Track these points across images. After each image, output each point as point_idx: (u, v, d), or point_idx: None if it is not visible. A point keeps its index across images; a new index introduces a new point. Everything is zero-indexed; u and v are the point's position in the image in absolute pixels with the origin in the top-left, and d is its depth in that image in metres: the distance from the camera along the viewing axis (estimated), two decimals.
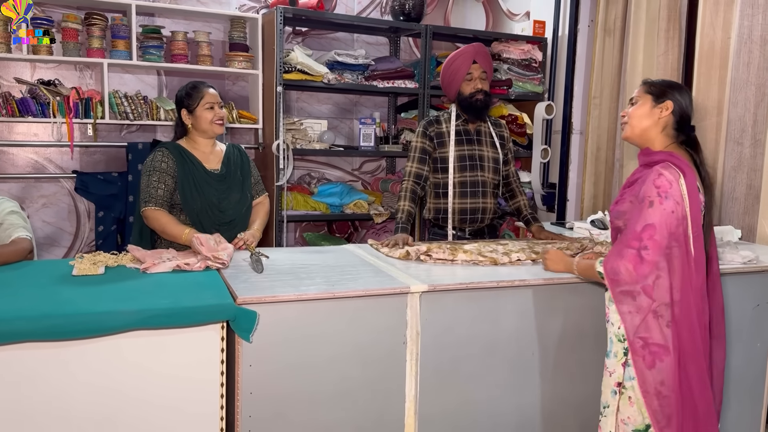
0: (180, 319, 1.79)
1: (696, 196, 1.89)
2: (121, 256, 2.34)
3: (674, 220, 1.86)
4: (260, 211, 2.83)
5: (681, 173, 1.89)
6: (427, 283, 2.10)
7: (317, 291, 1.98)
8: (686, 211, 1.87)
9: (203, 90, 2.64)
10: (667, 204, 1.85)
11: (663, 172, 1.88)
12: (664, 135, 2.01)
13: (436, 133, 2.97)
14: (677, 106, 1.98)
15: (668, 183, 1.87)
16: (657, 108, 1.99)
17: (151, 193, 2.54)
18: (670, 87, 2.00)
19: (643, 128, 2.02)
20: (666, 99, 1.98)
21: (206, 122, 2.62)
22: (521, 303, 2.24)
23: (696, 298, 1.90)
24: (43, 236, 3.80)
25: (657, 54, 3.73)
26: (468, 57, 2.88)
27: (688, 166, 1.92)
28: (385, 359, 2.08)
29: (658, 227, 1.85)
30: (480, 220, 3.00)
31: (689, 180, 1.89)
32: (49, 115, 3.42)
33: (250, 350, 1.91)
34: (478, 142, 2.99)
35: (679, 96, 1.98)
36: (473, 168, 2.96)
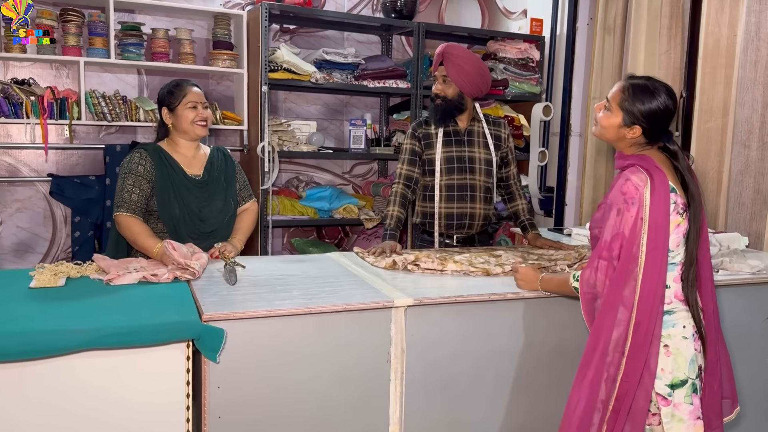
0: (138, 338, 1.63)
1: (663, 200, 1.75)
2: (85, 267, 2.18)
3: (640, 227, 1.74)
4: (245, 219, 2.66)
5: (648, 177, 1.76)
6: (413, 297, 1.95)
7: (292, 306, 1.83)
8: (645, 218, 1.74)
9: (186, 88, 2.48)
10: (633, 210, 1.74)
11: (630, 177, 1.78)
12: (633, 147, 1.87)
13: (424, 134, 2.83)
14: (646, 130, 1.82)
15: (635, 188, 1.75)
16: (624, 129, 1.84)
17: (125, 198, 2.38)
18: (641, 102, 1.80)
19: (610, 140, 1.91)
20: (635, 125, 1.82)
21: (187, 122, 2.45)
22: (515, 317, 2.09)
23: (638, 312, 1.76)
24: (18, 242, 3.64)
25: (659, 53, 3.59)
26: (436, 59, 2.75)
27: (658, 169, 1.78)
28: (368, 379, 1.93)
29: (628, 235, 1.74)
30: (468, 226, 2.85)
31: (656, 183, 1.75)
32: (23, 115, 3.26)
33: (218, 371, 1.76)
34: (468, 143, 2.84)
35: (654, 113, 1.80)
36: (462, 170, 2.81)
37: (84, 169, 3.68)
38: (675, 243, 1.81)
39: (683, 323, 1.82)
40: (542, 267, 2.33)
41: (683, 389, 1.80)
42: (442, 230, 2.84)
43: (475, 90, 2.78)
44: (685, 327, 1.82)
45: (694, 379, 1.82)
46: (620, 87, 1.85)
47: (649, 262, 1.74)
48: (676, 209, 1.79)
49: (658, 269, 1.75)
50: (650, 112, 1.79)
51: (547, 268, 2.34)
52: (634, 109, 1.80)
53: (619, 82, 1.87)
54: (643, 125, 1.81)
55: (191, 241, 2.45)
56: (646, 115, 1.79)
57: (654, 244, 1.74)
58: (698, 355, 1.83)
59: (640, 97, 1.80)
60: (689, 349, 1.81)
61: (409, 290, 2.03)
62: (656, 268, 1.74)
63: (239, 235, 2.57)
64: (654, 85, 1.82)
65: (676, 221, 1.80)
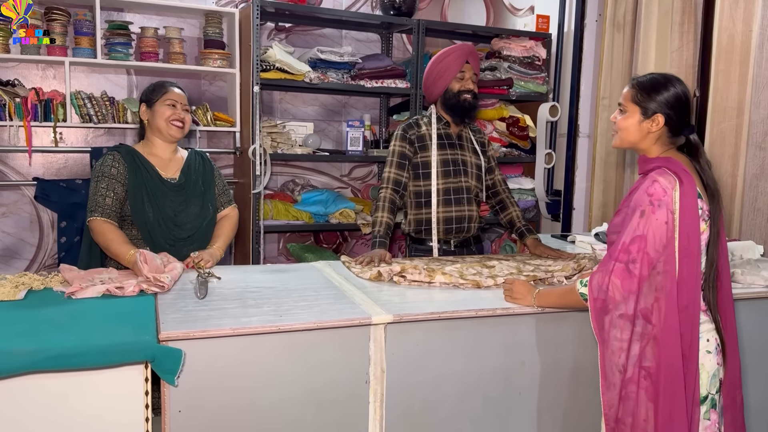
0: (86, 360, 1.50)
1: (693, 206, 1.66)
2: (50, 277, 2.06)
3: (665, 233, 1.64)
4: (224, 225, 2.53)
5: (677, 180, 1.66)
6: (396, 312, 1.81)
7: (259, 323, 1.69)
8: (676, 223, 1.64)
9: (168, 87, 2.40)
10: (659, 213, 1.64)
11: (658, 178, 1.67)
12: (658, 144, 1.77)
13: (417, 136, 2.70)
14: (670, 117, 1.72)
15: (662, 191, 1.65)
16: (646, 122, 1.74)
17: (98, 202, 2.27)
18: (657, 92, 1.73)
19: (633, 141, 1.79)
20: (655, 113, 1.73)
21: (162, 119, 2.34)
22: (505, 335, 1.94)
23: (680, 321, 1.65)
24: (3, 248, 3.54)
25: (671, 50, 3.42)
26: (461, 55, 2.64)
27: (687, 173, 1.68)
28: (345, 401, 1.79)
29: (649, 239, 1.63)
30: (466, 229, 2.74)
31: (685, 188, 1.65)
32: (5, 117, 3.16)
33: (179, 394, 1.63)
34: (460, 146, 2.75)
35: (673, 100, 1.72)
36: (457, 174, 2.70)
37: (71, 173, 3.58)
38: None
39: (707, 336, 1.72)
40: (538, 279, 2.17)
41: (703, 406, 1.69)
42: (441, 236, 2.71)
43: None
44: (708, 340, 1.72)
45: (714, 394, 1.72)
46: (629, 86, 1.79)
47: (684, 271, 1.64)
48: (702, 216, 1.69)
49: (695, 279, 1.65)
50: (667, 98, 1.71)
51: (543, 280, 2.18)
52: (651, 99, 1.72)
53: (627, 85, 1.81)
54: (665, 112, 1.71)
55: (167, 247, 2.34)
56: (665, 102, 1.71)
57: (687, 252, 1.64)
58: (720, 368, 1.73)
59: (653, 87, 1.74)
60: (712, 363, 1.71)
61: (393, 305, 1.89)
62: (693, 278, 1.65)
63: (219, 243, 2.45)
64: (663, 75, 1.77)
65: (701, 228, 1.70)
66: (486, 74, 4.07)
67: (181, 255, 2.32)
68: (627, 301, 1.64)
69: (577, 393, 2.02)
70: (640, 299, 1.64)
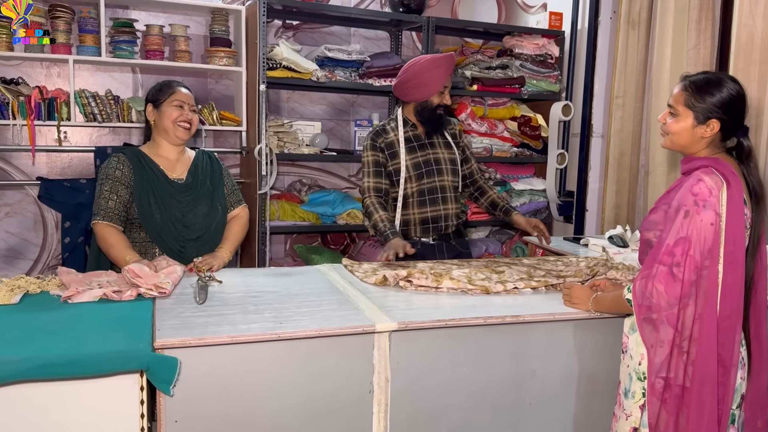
0: (76, 369, 1.44)
1: (739, 211, 1.58)
2: (48, 281, 2.01)
3: (712, 234, 1.55)
4: (234, 226, 2.47)
5: (725, 182, 1.58)
6: (400, 319, 1.74)
7: (259, 331, 1.63)
8: (721, 226, 1.56)
9: (176, 87, 2.34)
10: (705, 214, 1.55)
11: (704, 177, 1.59)
12: (710, 147, 1.69)
13: (386, 143, 2.68)
14: (725, 122, 1.64)
15: (708, 190, 1.57)
16: (700, 128, 1.66)
17: (101, 205, 2.22)
18: (712, 95, 1.63)
19: (684, 146, 1.71)
20: (709, 118, 1.64)
21: (169, 120, 2.29)
22: (516, 342, 1.86)
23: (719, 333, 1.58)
24: (7, 248, 3.50)
25: (687, 48, 3.33)
26: (448, 68, 2.61)
27: (734, 175, 1.60)
28: (347, 412, 1.73)
29: (694, 241, 1.55)
30: (444, 228, 2.73)
31: (733, 191, 1.57)
32: (9, 116, 3.12)
33: (175, 403, 1.57)
34: (430, 146, 2.72)
35: (728, 104, 1.62)
36: (430, 174, 2.69)
37: (75, 173, 3.53)
38: None
39: None
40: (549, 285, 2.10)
41: None
42: (418, 235, 2.71)
43: None
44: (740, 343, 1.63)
45: (734, 408, 1.64)
46: (681, 87, 1.69)
47: (729, 278, 1.56)
48: (745, 222, 1.62)
49: (739, 287, 1.58)
50: (724, 101, 1.62)
51: (555, 286, 2.11)
52: (706, 103, 1.63)
53: (678, 84, 1.71)
54: (721, 117, 1.62)
55: (177, 248, 2.29)
56: (721, 106, 1.62)
57: (732, 257, 1.57)
58: (743, 383, 1.65)
59: (708, 89, 1.64)
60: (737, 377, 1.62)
61: (399, 311, 1.82)
62: (737, 286, 1.57)
63: (227, 245, 2.39)
64: (716, 75, 1.68)
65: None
66: (497, 72, 3.98)
67: (192, 257, 2.27)
68: (672, 307, 1.56)
69: (590, 404, 1.94)
70: (686, 305, 1.56)
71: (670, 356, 1.58)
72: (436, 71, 2.58)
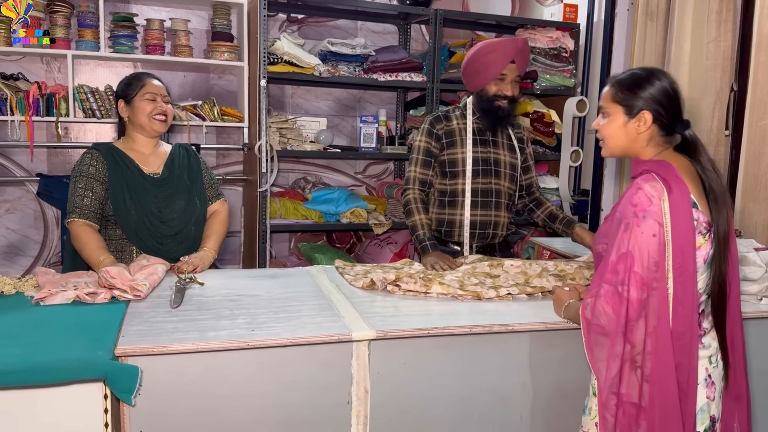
0: (29, 377, 1.38)
1: (685, 218, 1.44)
2: (24, 281, 1.95)
3: (656, 247, 1.42)
4: (214, 224, 2.40)
5: (665, 188, 1.44)
6: (380, 327, 1.65)
7: (227, 339, 1.54)
8: (667, 237, 1.43)
9: (145, 79, 2.26)
10: (645, 226, 1.42)
11: (643, 185, 1.46)
12: (651, 146, 1.55)
13: (445, 131, 2.47)
14: (658, 113, 1.51)
15: (647, 199, 1.44)
16: (632, 123, 1.53)
17: (76, 203, 2.16)
18: (640, 87, 1.52)
19: (623, 147, 1.58)
20: (640, 109, 1.51)
21: (144, 115, 2.22)
22: (505, 353, 1.76)
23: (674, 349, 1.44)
24: (7, 245, 3.49)
25: (707, 41, 3.16)
26: (507, 54, 2.35)
27: (678, 178, 1.46)
28: (324, 423, 1.64)
29: (636, 256, 1.42)
30: (491, 236, 2.52)
31: (675, 197, 1.44)
32: (7, 112, 3.09)
33: (139, 413, 1.50)
34: (494, 144, 2.51)
35: (659, 94, 1.51)
36: (487, 174, 2.47)
37: None
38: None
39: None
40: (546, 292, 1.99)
41: None
42: (463, 240, 2.50)
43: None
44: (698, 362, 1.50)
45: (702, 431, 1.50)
46: (608, 86, 1.58)
47: (680, 293, 1.43)
48: (698, 228, 1.47)
49: (691, 302, 1.44)
50: (652, 92, 1.51)
51: (552, 292, 1.99)
52: (634, 96, 1.52)
53: (605, 86, 1.60)
54: (652, 108, 1.50)
55: (155, 245, 2.22)
56: (650, 97, 1.50)
57: (682, 270, 1.43)
58: (711, 404, 1.50)
59: (634, 81, 1.53)
60: (699, 396, 1.49)
61: (381, 318, 1.73)
62: (689, 301, 1.44)
63: (209, 244, 2.31)
64: (644, 69, 1.57)
65: (697, 243, 1.48)
66: None
67: (171, 253, 2.21)
68: (622, 327, 1.43)
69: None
70: (633, 327, 1.43)
71: (621, 371, 1.45)
72: (490, 56, 2.36)
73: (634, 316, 1.43)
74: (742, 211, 2.90)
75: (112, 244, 2.21)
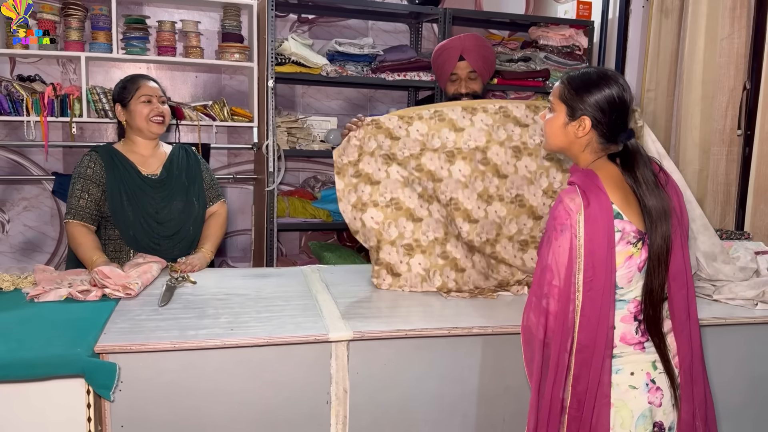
0: (12, 372, 1.44)
1: (601, 231, 1.41)
2: (23, 278, 2.02)
3: (568, 260, 1.42)
4: (213, 224, 2.44)
5: (583, 202, 1.42)
6: (359, 329, 1.66)
7: (206, 337, 1.57)
8: (579, 251, 1.41)
9: (140, 82, 2.30)
10: (562, 239, 1.42)
11: (563, 198, 1.45)
12: (588, 152, 1.52)
13: None
14: (599, 120, 1.47)
15: (566, 213, 1.43)
16: (571, 125, 1.50)
17: (73, 204, 2.22)
18: (586, 91, 1.47)
19: (560, 146, 1.56)
20: (581, 114, 1.48)
21: (141, 118, 2.26)
22: (487, 355, 1.75)
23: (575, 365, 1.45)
24: (25, 241, 3.60)
25: (721, 37, 3.09)
26: (453, 53, 2.39)
27: (599, 191, 1.43)
28: (303, 422, 1.66)
29: (555, 269, 1.42)
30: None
31: (592, 211, 1.41)
32: (23, 113, 3.18)
33: (120, 408, 1.54)
34: None
35: (603, 102, 1.46)
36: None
37: None
38: (626, 279, 1.46)
39: (631, 369, 1.48)
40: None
41: None
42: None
43: (488, 77, 2.52)
44: (633, 374, 1.48)
45: None
46: (560, 81, 1.55)
47: (587, 308, 1.42)
48: (625, 238, 1.44)
49: (598, 317, 1.42)
50: (597, 99, 1.46)
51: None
52: (578, 99, 1.48)
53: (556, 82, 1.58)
54: (593, 114, 1.46)
55: (152, 246, 2.26)
56: (594, 104, 1.46)
57: (591, 285, 1.42)
58: (656, 410, 1.47)
59: (582, 83, 1.49)
60: (639, 401, 1.47)
61: (362, 319, 1.74)
62: (595, 316, 1.42)
63: (207, 245, 2.36)
64: (598, 71, 1.51)
65: (627, 252, 1.45)
66: (519, 65, 3.82)
67: (168, 254, 2.25)
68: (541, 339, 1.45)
69: None
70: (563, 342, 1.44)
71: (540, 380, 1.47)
72: (440, 58, 2.42)
73: (555, 328, 1.43)
74: (753, 213, 2.83)
75: (110, 245, 2.27)
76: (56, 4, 3.28)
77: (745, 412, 1.90)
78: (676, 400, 1.49)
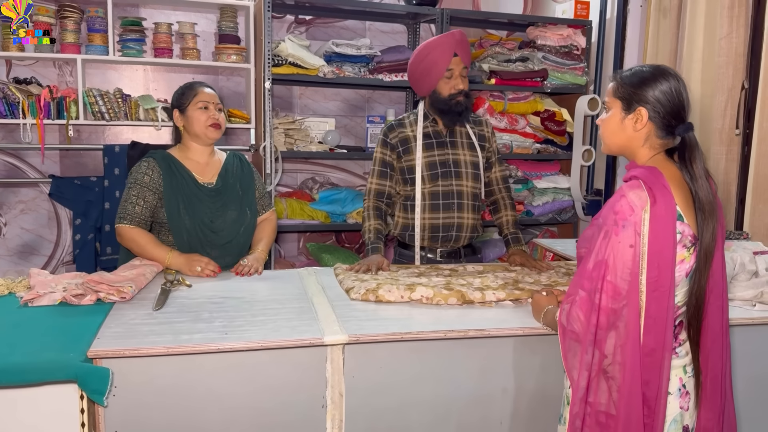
0: (4, 377, 1.42)
1: (667, 232, 1.39)
2: (17, 282, 2.01)
3: (633, 258, 1.38)
4: (266, 228, 2.47)
5: (650, 198, 1.39)
6: (355, 332, 1.65)
7: (200, 342, 1.56)
8: (643, 250, 1.38)
9: (197, 88, 2.31)
10: (624, 235, 1.38)
11: (627, 193, 1.41)
12: (647, 147, 1.50)
13: (400, 139, 2.47)
14: (656, 111, 1.46)
15: (630, 208, 1.39)
16: (629, 119, 1.49)
17: (127, 209, 2.21)
18: (641, 84, 1.47)
19: (619, 145, 1.54)
20: (637, 105, 1.47)
21: (199, 124, 2.26)
22: (483, 358, 1.75)
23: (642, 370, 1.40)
24: (22, 244, 3.59)
25: (719, 37, 3.07)
26: (448, 48, 2.33)
27: (665, 189, 1.41)
28: (299, 427, 1.66)
29: (611, 265, 1.39)
30: (455, 238, 2.48)
31: (659, 209, 1.38)
32: (20, 115, 3.17)
33: (114, 413, 1.54)
34: (452, 144, 2.48)
35: (658, 92, 1.45)
36: (447, 176, 2.44)
37: (87, 170, 3.58)
38: (676, 282, 1.44)
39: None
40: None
41: None
42: (424, 243, 2.49)
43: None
44: (669, 380, 1.46)
45: None
46: (612, 82, 1.54)
47: (653, 309, 1.39)
48: (683, 241, 1.43)
49: (665, 318, 1.40)
50: (651, 87, 1.46)
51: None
52: (631, 90, 1.48)
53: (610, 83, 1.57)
54: (649, 104, 1.45)
55: (204, 253, 2.25)
56: (648, 91, 1.46)
57: (656, 285, 1.39)
58: (684, 414, 1.47)
59: (636, 75, 1.49)
60: (672, 406, 1.46)
61: (358, 322, 1.73)
62: (662, 317, 1.39)
63: (261, 246, 2.40)
64: (652, 65, 1.51)
65: (680, 256, 1.43)
66: (517, 65, 3.81)
67: (219, 262, 2.23)
68: (588, 337, 1.40)
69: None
70: (604, 336, 1.40)
71: (590, 379, 1.43)
72: (433, 54, 2.34)
73: (605, 325, 1.40)
74: (752, 213, 2.82)
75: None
76: (52, 6, 3.27)
77: (744, 412, 1.89)
78: (697, 401, 1.50)
